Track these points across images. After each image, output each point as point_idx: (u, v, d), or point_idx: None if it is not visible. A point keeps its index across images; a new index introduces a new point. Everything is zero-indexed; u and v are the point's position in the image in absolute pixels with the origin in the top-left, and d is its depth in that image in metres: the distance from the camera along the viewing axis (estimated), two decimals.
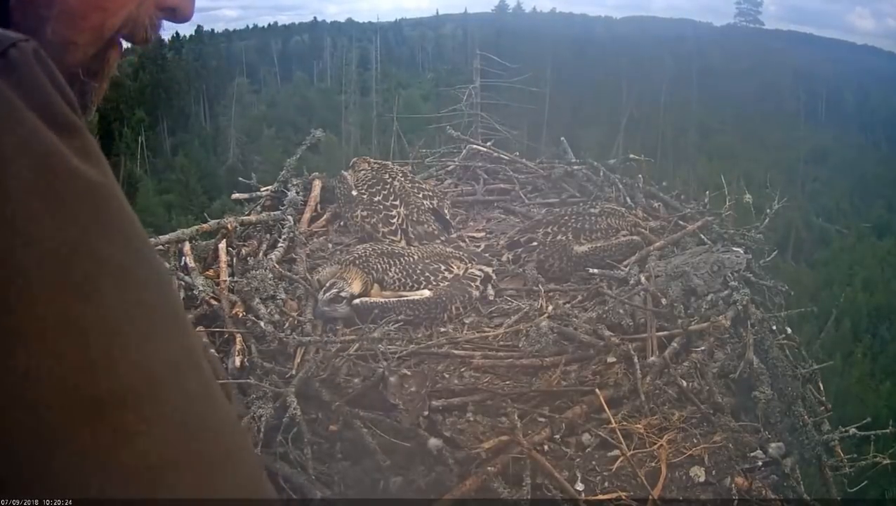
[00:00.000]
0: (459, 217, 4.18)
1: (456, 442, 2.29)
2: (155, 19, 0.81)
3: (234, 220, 3.61)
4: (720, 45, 48.69)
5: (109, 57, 0.79)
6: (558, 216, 3.70)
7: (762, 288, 3.30)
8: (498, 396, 2.50)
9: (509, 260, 3.54)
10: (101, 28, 0.75)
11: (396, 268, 3.18)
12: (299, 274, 3.21)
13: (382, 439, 2.31)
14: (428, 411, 2.39)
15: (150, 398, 0.55)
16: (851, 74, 47.15)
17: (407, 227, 3.79)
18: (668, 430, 2.40)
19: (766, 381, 2.60)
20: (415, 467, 2.23)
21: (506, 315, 3.10)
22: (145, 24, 0.79)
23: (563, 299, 3.19)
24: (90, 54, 0.76)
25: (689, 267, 3.08)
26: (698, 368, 2.64)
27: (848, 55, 54.04)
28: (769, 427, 2.50)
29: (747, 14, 50.32)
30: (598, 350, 2.69)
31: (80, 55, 0.75)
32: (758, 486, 2.24)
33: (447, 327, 3.01)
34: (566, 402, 2.51)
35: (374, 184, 3.88)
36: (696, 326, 2.79)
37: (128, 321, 0.56)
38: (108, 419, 0.53)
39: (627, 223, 3.63)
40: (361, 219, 3.76)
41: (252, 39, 55.64)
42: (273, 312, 2.93)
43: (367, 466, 2.28)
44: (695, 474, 2.26)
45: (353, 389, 2.51)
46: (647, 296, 2.95)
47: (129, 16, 0.76)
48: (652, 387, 2.53)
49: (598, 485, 2.21)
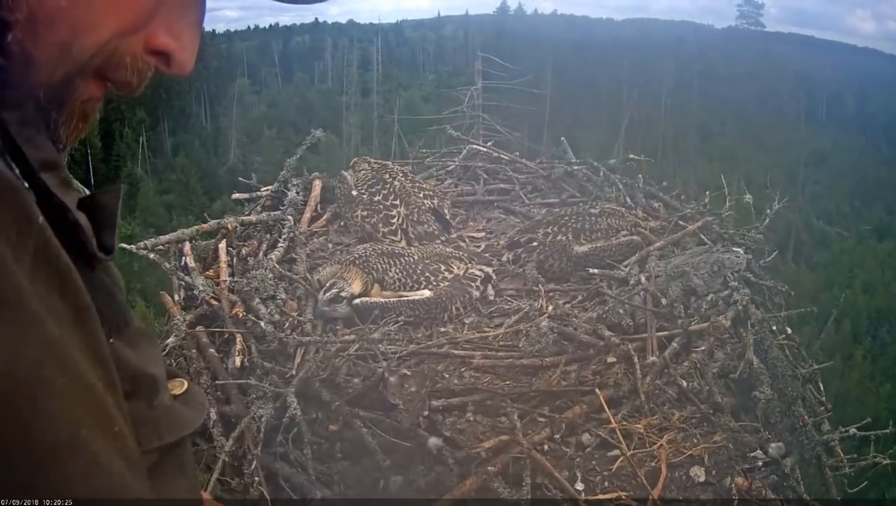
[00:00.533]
0: (459, 217, 4.17)
1: (456, 442, 2.29)
2: (142, 63, 0.70)
3: (235, 220, 3.61)
4: (721, 48, 48.73)
5: (78, 86, 0.69)
6: (558, 216, 3.70)
7: (762, 288, 3.30)
8: (498, 396, 2.50)
9: (509, 260, 3.54)
10: (67, 46, 0.65)
11: (396, 268, 3.18)
12: (299, 274, 3.20)
13: (382, 439, 2.32)
14: (428, 411, 2.39)
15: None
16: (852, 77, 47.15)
17: (407, 227, 3.78)
18: (668, 430, 2.40)
19: (766, 381, 2.60)
20: (415, 466, 2.23)
21: (506, 315, 3.10)
22: (127, 64, 0.69)
23: (563, 299, 3.19)
24: (55, 78, 0.66)
25: (689, 267, 3.08)
26: (698, 368, 2.64)
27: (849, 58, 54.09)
28: (769, 427, 2.50)
29: (748, 16, 50.36)
30: (598, 350, 2.69)
31: (44, 76, 0.66)
32: (758, 486, 2.24)
33: (447, 327, 3.01)
34: (566, 402, 2.51)
35: (374, 184, 3.88)
36: (696, 326, 2.79)
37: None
38: None
39: (627, 223, 3.63)
40: (361, 219, 3.76)
41: (253, 40, 55.70)
42: (273, 313, 2.93)
43: (367, 466, 2.28)
44: (695, 473, 2.26)
45: (353, 389, 2.51)
46: (647, 296, 2.95)
47: (105, 44, 0.67)
48: (652, 387, 2.53)
49: (598, 485, 2.21)
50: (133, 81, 0.71)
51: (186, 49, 0.72)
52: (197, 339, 2.84)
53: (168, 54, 0.71)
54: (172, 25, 0.70)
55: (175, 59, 0.71)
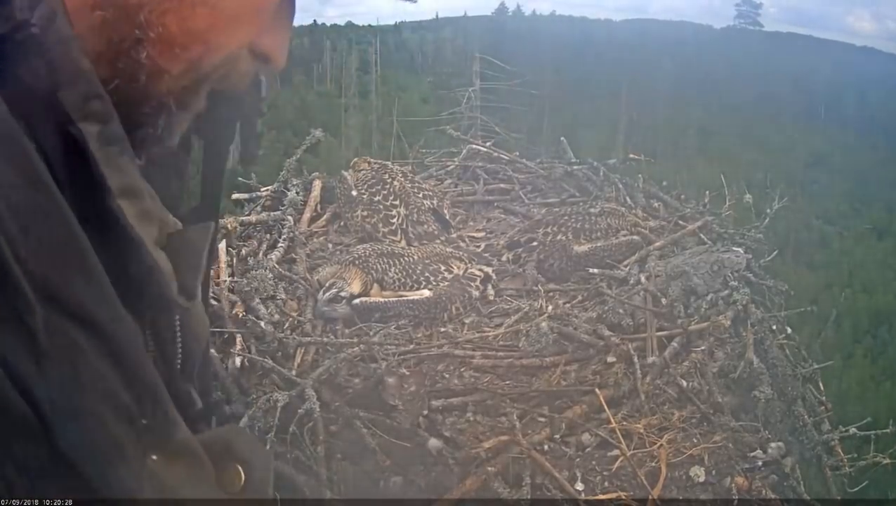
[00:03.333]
0: (459, 217, 4.17)
1: (456, 442, 2.29)
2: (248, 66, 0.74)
3: (234, 220, 3.61)
4: (720, 48, 48.73)
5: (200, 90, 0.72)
6: (558, 216, 3.70)
7: (762, 288, 3.30)
8: (498, 396, 2.50)
9: (509, 260, 3.54)
10: (198, 61, 0.69)
11: (396, 268, 3.18)
12: (299, 274, 3.20)
13: (382, 439, 2.31)
14: (427, 411, 2.39)
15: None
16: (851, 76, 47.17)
17: (407, 227, 3.78)
18: (667, 430, 2.40)
19: (766, 380, 2.60)
20: (414, 466, 2.22)
21: (506, 315, 3.10)
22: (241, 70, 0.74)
23: (563, 299, 3.19)
24: (182, 85, 0.69)
25: (689, 267, 3.07)
26: (698, 367, 2.64)
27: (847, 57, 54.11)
28: (769, 427, 2.50)
29: (747, 16, 50.35)
30: (598, 350, 2.69)
31: (173, 84, 0.68)
32: (758, 486, 2.24)
33: (447, 327, 3.01)
34: (566, 402, 2.51)
35: (373, 184, 3.88)
36: (696, 325, 2.79)
37: None
38: None
39: (627, 223, 3.63)
40: (361, 219, 3.76)
41: None
42: (273, 313, 2.93)
43: (367, 466, 2.28)
44: (695, 473, 2.25)
45: (353, 389, 2.50)
46: (646, 296, 2.95)
47: (230, 54, 0.71)
48: (652, 387, 2.53)
49: (597, 485, 2.21)
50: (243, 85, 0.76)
51: (283, 49, 0.76)
52: None
53: (267, 56, 0.75)
54: (272, 30, 0.74)
55: (274, 60, 0.76)
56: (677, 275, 3.05)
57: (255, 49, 0.73)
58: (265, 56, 0.74)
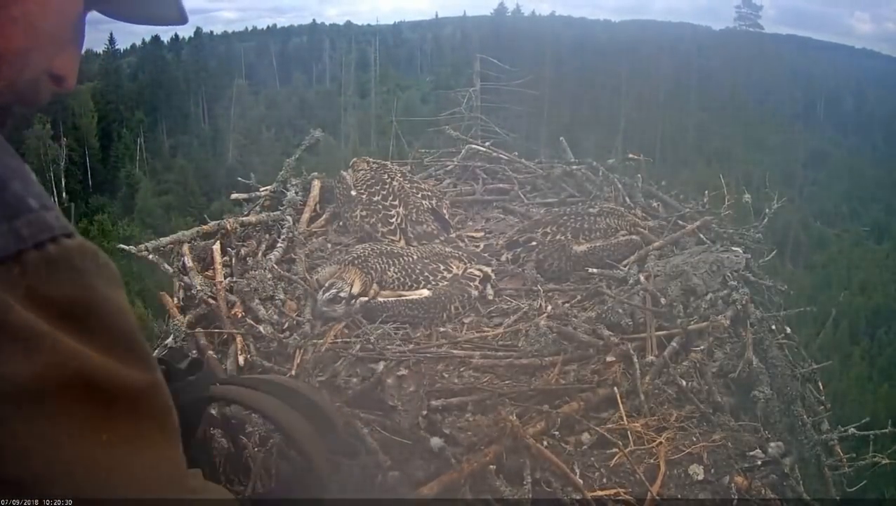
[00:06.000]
0: (458, 217, 4.17)
1: (456, 440, 2.28)
2: (41, 84, 0.85)
3: (234, 220, 3.61)
4: (719, 49, 48.73)
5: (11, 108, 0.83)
6: (557, 216, 3.70)
7: (761, 288, 3.30)
8: (497, 395, 2.50)
9: (508, 260, 3.54)
10: (15, 79, 0.79)
11: (395, 268, 3.17)
12: (298, 274, 3.20)
13: (382, 438, 2.31)
14: (427, 411, 2.39)
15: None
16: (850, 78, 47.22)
17: (406, 227, 3.78)
18: (667, 429, 2.40)
19: (765, 380, 2.60)
20: (414, 464, 2.22)
21: (505, 315, 3.09)
22: (40, 88, 0.84)
23: (563, 299, 3.19)
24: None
25: (688, 266, 3.07)
26: (697, 367, 2.64)
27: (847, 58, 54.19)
28: (768, 426, 2.50)
29: (746, 18, 50.34)
30: (597, 350, 2.69)
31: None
32: (757, 485, 2.23)
33: (446, 327, 3.00)
34: (565, 400, 2.50)
35: (373, 184, 3.87)
36: (696, 325, 2.79)
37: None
38: None
39: (626, 223, 3.63)
40: (360, 219, 3.76)
41: (251, 41, 55.69)
42: (272, 313, 2.93)
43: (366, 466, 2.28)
44: (693, 472, 2.25)
45: (352, 389, 2.50)
46: (646, 295, 2.95)
47: (37, 76, 0.82)
48: (651, 386, 2.53)
49: (595, 481, 2.20)
50: (39, 100, 0.88)
51: (74, 73, 0.91)
52: (196, 339, 2.83)
53: (62, 78, 0.88)
54: (66, 57, 0.89)
55: (66, 83, 0.90)
56: (676, 275, 3.05)
57: (54, 71, 0.86)
58: (59, 77, 0.87)
